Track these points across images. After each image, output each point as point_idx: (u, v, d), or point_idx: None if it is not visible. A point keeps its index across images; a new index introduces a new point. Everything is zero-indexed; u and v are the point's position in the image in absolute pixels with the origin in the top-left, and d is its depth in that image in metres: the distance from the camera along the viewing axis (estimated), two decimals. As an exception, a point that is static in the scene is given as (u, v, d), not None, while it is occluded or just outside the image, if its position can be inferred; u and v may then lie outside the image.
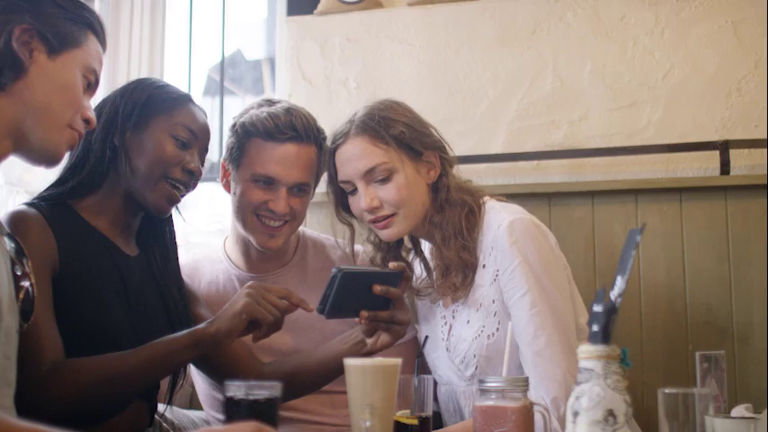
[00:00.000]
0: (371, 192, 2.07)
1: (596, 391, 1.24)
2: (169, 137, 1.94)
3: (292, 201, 2.18)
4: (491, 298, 2.04)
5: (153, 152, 1.93)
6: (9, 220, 1.79)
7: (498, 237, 2.02)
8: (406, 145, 2.08)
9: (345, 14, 3.09)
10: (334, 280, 1.84)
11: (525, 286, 1.97)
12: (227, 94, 3.58)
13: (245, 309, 1.78)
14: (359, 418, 1.48)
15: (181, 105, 1.98)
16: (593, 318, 1.28)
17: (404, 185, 2.06)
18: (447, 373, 2.14)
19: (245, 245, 2.29)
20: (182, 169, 1.95)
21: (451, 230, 2.07)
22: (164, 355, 1.80)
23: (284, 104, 2.23)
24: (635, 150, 2.77)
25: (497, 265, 2.02)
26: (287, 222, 2.20)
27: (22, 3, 1.54)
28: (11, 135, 1.52)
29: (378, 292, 1.89)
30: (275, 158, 2.15)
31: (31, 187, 3.11)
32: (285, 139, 2.15)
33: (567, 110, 2.86)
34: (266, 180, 2.16)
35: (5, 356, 1.44)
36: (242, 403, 1.30)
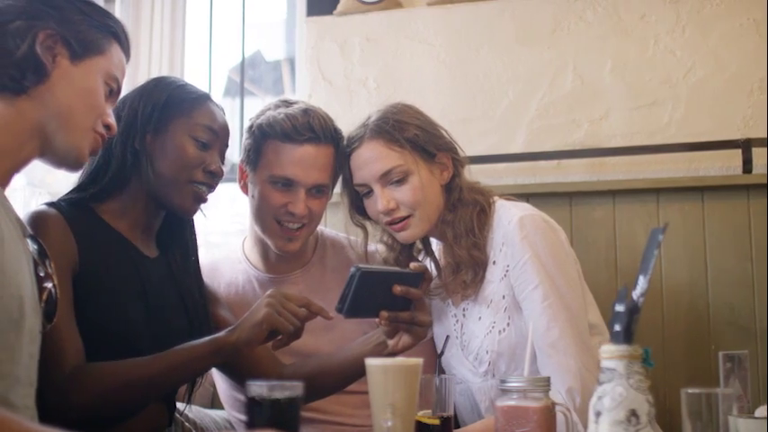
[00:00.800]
0: (388, 194, 2.09)
1: (619, 391, 1.23)
2: (190, 138, 1.94)
3: (311, 202, 2.18)
4: (501, 294, 2.05)
5: (175, 155, 1.93)
6: (30, 219, 1.81)
7: (509, 232, 2.04)
8: (419, 147, 2.10)
9: (365, 14, 3.09)
10: (353, 279, 1.84)
11: (536, 280, 1.98)
12: (247, 95, 3.59)
13: (265, 319, 1.78)
14: (380, 418, 1.48)
15: (200, 105, 1.98)
16: (616, 317, 1.27)
17: (419, 187, 2.08)
18: (462, 371, 2.15)
19: (263, 246, 2.29)
20: (203, 171, 1.95)
21: (463, 229, 2.09)
22: (184, 363, 1.81)
23: (301, 105, 2.22)
24: (656, 149, 2.75)
25: (508, 261, 2.04)
26: (305, 225, 2.20)
27: (47, 9, 1.55)
28: (34, 139, 1.53)
29: (398, 293, 1.89)
30: (293, 160, 2.15)
31: (52, 188, 3.13)
32: (303, 140, 2.15)
33: (588, 109, 2.85)
34: (284, 182, 2.15)
35: (30, 356, 1.45)
36: (263, 403, 1.30)
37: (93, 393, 1.73)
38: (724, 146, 2.69)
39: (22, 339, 1.41)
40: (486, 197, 2.15)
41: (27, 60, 1.50)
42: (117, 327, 1.85)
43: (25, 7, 1.53)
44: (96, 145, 1.63)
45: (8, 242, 1.38)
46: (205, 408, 2.42)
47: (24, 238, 1.51)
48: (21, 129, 1.51)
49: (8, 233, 1.39)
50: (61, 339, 1.72)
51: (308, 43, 3.15)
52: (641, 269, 1.29)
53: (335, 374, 2.05)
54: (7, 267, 1.36)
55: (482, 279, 2.09)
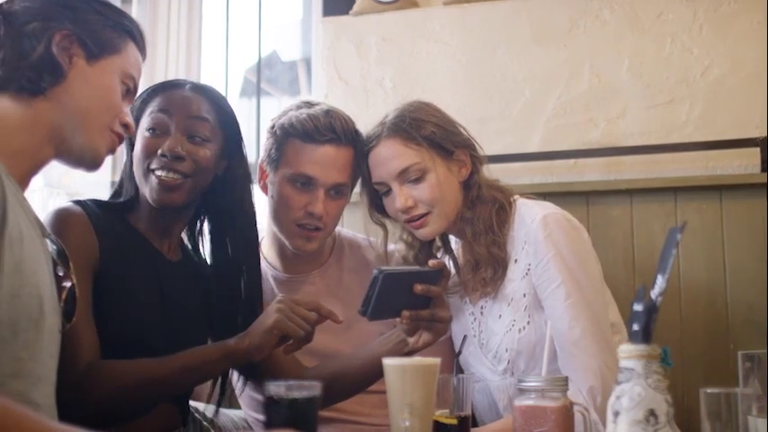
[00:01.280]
0: (405, 192, 2.10)
1: (637, 391, 1.23)
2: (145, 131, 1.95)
3: (329, 204, 2.18)
4: (522, 292, 2.05)
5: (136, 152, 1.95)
6: (53, 216, 1.83)
7: (531, 231, 2.04)
8: (437, 144, 2.11)
9: (381, 14, 3.09)
10: (376, 281, 1.84)
11: (559, 278, 1.99)
12: (264, 95, 3.59)
13: (276, 325, 1.79)
14: (398, 417, 1.48)
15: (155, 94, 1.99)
16: (634, 317, 1.27)
17: (436, 184, 2.09)
18: (480, 369, 2.15)
19: (280, 246, 2.30)
20: (159, 156, 1.92)
21: (482, 226, 2.10)
22: (196, 366, 1.83)
23: (323, 106, 2.23)
24: (674, 148, 2.74)
25: (530, 259, 2.04)
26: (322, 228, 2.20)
27: (63, 9, 1.56)
28: (52, 140, 1.54)
29: (419, 292, 1.90)
30: (314, 159, 2.15)
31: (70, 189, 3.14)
32: (324, 140, 2.16)
33: (605, 108, 2.84)
34: (304, 180, 2.16)
35: (50, 356, 1.46)
36: (281, 402, 1.30)
37: (106, 390, 1.74)
38: (742, 144, 2.68)
39: (42, 338, 1.41)
40: (506, 195, 2.16)
41: (43, 62, 1.51)
42: (131, 326, 1.86)
43: (41, 8, 1.55)
44: (113, 145, 1.64)
45: (27, 242, 1.38)
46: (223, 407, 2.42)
47: (43, 238, 1.51)
48: (38, 130, 1.52)
49: (27, 233, 1.40)
50: (78, 337, 1.73)
51: (324, 43, 3.15)
52: (659, 268, 1.29)
53: (357, 376, 2.05)
54: (26, 267, 1.37)
55: (502, 277, 2.09)
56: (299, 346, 1.84)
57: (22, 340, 1.36)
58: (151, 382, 1.79)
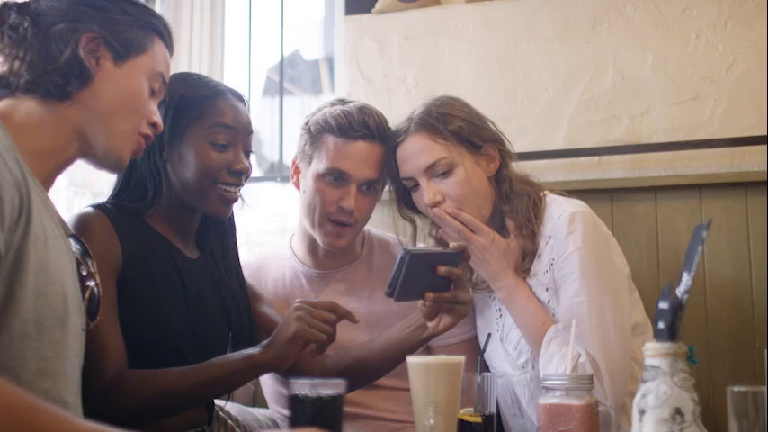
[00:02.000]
0: (433, 187, 2.10)
1: (663, 389, 1.23)
2: (207, 144, 1.94)
3: (361, 200, 2.20)
4: (545, 286, 2.06)
5: (195, 163, 1.93)
6: (76, 221, 1.83)
7: (558, 226, 2.05)
8: (464, 139, 2.12)
9: (403, 12, 3.08)
10: (403, 262, 1.85)
11: (576, 273, 1.99)
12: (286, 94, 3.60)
13: (298, 334, 1.78)
14: (422, 416, 1.49)
15: (211, 105, 1.97)
16: (660, 315, 1.27)
17: (464, 180, 2.09)
18: (502, 364, 2.15)
19: (311, 242, 2.31)
20: (228, 172, 1.96)
21: (523, 219, 2.10)
22: (221, 377, 1.83)
23: (357, 103, 2.27)
24: (698, 145, 2.72)
25: (553, 254, 2.05)
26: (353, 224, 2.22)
27: (90, 10, 1.56)
28: (77, 141, 1.55)
29: (442, 273, 1.90)
30: (347, 154, 2.18)
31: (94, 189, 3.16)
32: (357, 136, 2.19)
33: (629, 104, 2.82)
34: (337, 175, 2.18)
35: (75, 355, 1.47)
36: (306, 401, 1.31)
37: (132, 401, 1.76)
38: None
39: (67, 337, 1.43)
40: (536, 189, 2.16)
41: (70, 66, 1.51)
42: (158, 327, 1.87)
43: (68, 9, 1.54)
44: (139, 147, 1.64)
45: (51, 241, 1.39)
46: (247, 405, 2.43)
47: (67, 238, 1.52)
48: (63, 131, 1.52)
49: (51, 232, 1.41)
50: (103, 341, 1.74)
51: (346, 42, 3.15)
52: (685, 266, 1.28)
53: (376, 362, 2.07)
54: (51, 266, 1.38)
55: (528, 270, 2.10)
56: (323, 348, 1.84)
57: (47, 339, 1.37)
58: (177, 392, 1.80)
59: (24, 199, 1.32)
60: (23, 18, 1.52)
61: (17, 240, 1.31)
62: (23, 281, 1.32)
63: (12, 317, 1.31)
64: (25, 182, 1.34)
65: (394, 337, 2.04)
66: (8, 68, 1.51)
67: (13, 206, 1.29)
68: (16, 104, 1.50)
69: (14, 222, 1.30)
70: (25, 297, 1.32)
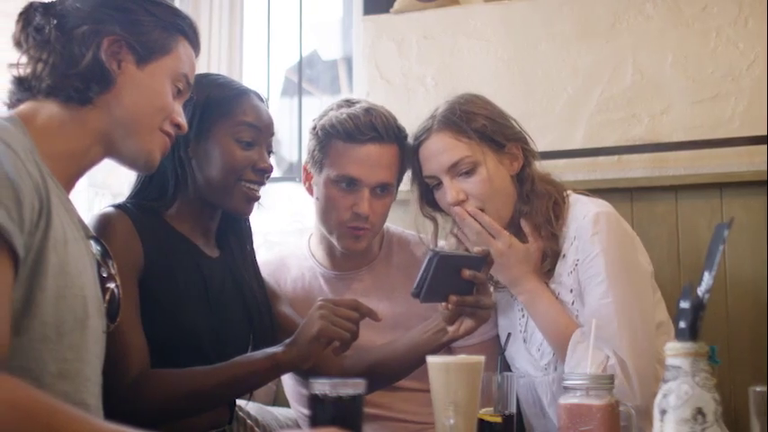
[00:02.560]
0: (456, 185, 2.10)
1: (684, 389, 1.22)
2: (233, 141, 1.95)
3: (375, 203, 2.19)
4: (569, 288, 2.05)
5: (221, 160, 1.94)
6: (97, 221, 1.83)
7: (582, 227, 2.03)
8: (488, 138, 2.10)
9: (422, 12, 3.08)
10: (431, 263, 1.85)
11: (602, 275, 1.98)
12: (305, 95, 3.61)
13: (321, 332, 1.77)
14: (442, 416, 1.49)
15: (238, 104, 1.98)
16: (681, 314, 1.26)
17: (487, 178, 2.08)
18: (524, 365, 2.15)
19: (329, 245, 2.31)
20: (252, 170, 1.97)
21: (541, 219, 2.09)
22: (243, 377, 1.83)
23: (363, 104, 2.24)
24: (719, 143, 2.70)
25: (578, 255, 2.03)
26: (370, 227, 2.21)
27: (113, 12, 1.54)
28: (100, 143, 1.54)
29: (467, 277, 1.90)
30: (357, 159, 2.16)
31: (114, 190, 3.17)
32: (366, 139, 2.16)
33: (649, 103, 2.81)
34: (349, 182, 2.16)
35: (96, 356, 1.48)
36: (326, 401, 1.31)
37: (155, 401, 1.76)
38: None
39: (87, 339, 1.43)
40: (558, 189, 2.15)
41: (92, 70, 1.50)
42: (180, 326, 1.87)
43: (91, 11, 1.53)
44: (165, 146, 1.63)
45: (71, 243, 1.40)
46: (267, 405, 2.44)
47: (87, 240, 1.53)
48: (86, 135, 1.52)
49: (71, 234, 1.41)
50: (125, 342, 1.74)
51: (365, 42, 3.15)
52: (706, 265, 1.28)
53: (396, 364, 2.06)
54: (71, 268, 1.38)
55: (552, 271, 2.09)
56: (347, 347, 1.84)
57: (67, 341, 1.38)
58: (200, 392, 1.81)
59: (44, 202, 1.33)
60: (48, 19, 1.51)
61: (37, 243, 1.32)
62: (43, 284, 1.33)
63: (31, 319, 1.32)
64: (45, 185, 1.35)
65: (414, 340, 2.04)
66: (31, 71, 1.51)
67: (33, 209, 1.30)
68: (38, 107, 1.49)
69: (34, 225, 1.31)
70: (45, 300, 1.33)
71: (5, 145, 1.29)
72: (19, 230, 1.26)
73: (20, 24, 1.54)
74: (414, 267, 1.91)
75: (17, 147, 1.32)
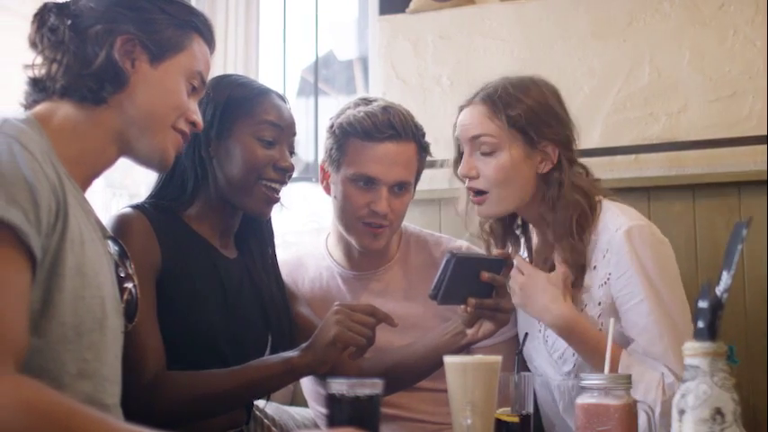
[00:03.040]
0: (472, 161, 2.07)
1: (703, 389, 1.22)
2: (255, 139, 1.95)
3: (393, 201, 2.18)
4: (597, 300, 2.01)
5: (242, 158, 1.94)
6: (114, 222, 1.83)
7: (615, 241, 1.98)
8: (520, 128, 2.04)
9: (438, 12, 3.08)
10: (449, 265, 1.85)
11: (642, 293, 1.93)
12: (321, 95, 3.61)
13: (337, 338, 1.77)
14: (460, 416, 1.48)
15: (260, 102, 1.98)
16: (699, 314, 1.26)
17: (504, 166, 2.04)
18: (543, 365, 2.13)
19: (346, 244, 2.30)
20: (273, 168, 1.97)
21: (562, 231, 2.04)
22: (260, 380, 1.83)
23: (381, 103, 2.23)
24: (736, 142, 2.69)
25: (610, 269, 1.99)
26: (388, 225, 2.20)
27: (126, 11, 1.54)
28: (116, 143, 1.54)
29: (485, 279, 1.89)
30: (374, 158, 2.15)
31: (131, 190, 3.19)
32: (383, 137, 2.15)
33: (666, 102, 2.80)
34: (366, 180, 2.16)
35: (114, 356, 1.48)
36: (344, 400, 1.31)
37: (171, 403, 1.76)
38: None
39: (105, 339, 1.44)
40: (590, 199, 2.07)
41: (105, 69, 1.50)
42: (198, 327, 1.88)
43: (104, 11, 1.53)
44: (179, 144, 1.63)
45: (88, 244, 1.40)
46: (285, 405, 2.44)
47: (104, 240, 1.53)
48: (101, 135, 1.52)
49: (88, 235, 1.42)
50: (142, 343, 1.75)
51: (380, 42, 3.15)
52: (724, 264, 1.27)
53: (414, 366, 2.06)
54: (88, 269, 1.39)
55: (579, 284, 2.04)
56: (363, 352, 1.83)
57: (86, 341, 1.38)
58: (216, 395, 1.81)
59: (61, 203, 1.33)
60: (63, 20, 1.51)
61: (54, 245, 1.32)
62: (61, 285, 1.33)
63: (50, 320, 1.32)
64: (62, 186, 1.35)
65: (432, 342, 2.04)
66: (46, 72, 1.51)
67: (50, 211, 1.30)
68: (54, 108, 1.49)
69: (51, 227, 1.31)
70: (63, 301, 1.33)
71: (22, 147, 1.29)
72: (36, 232, 1.26)
73: (35, 26, 1.54)
74: (432, 267, 1.91)
75: (34, 148, 1.32)
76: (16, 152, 1.28)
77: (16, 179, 1.25)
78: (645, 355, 1.92)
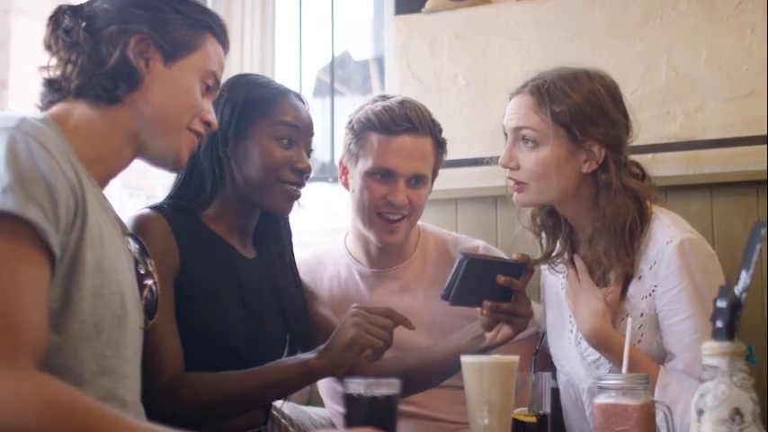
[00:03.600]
0: (513, 151, 2.04)
1: (721, 389, 1.21)
2: (272, 140, 1.96)
3: (411, 193, 2.21)
4: (640, 311, 1.98)
5: (260, 159, 1.95)
6: (133, 222, 1.84)
7: (665, 254, 1.94)
8: (564, 125, 1.99)
9: (453, 11, 3.08)
10: (461, 266, 1.85)
11: (690, 310, 1.90)
12: (337, 95, 3.62)
13: (355, 340, 1.76)
14: (477, 415, 1.48)
15: (277, 103, 1.99)
16: (718, 314, 1.25)
17: (544, 161, 1.99)
18: (573, 366, 2.10)
19: (365, 241, 2.32)
20: (291, 170, 1.97)
21: (610, 238, 1.99)
22: (277, 382, 1.83)
23: (398, 98, 2.27)
24: (754, 140, 2.68)
25: (656, 281, 1.95)
26: (405, 217, 2.22)
27: (140, 11, 1.55)
28: (131, 143, 1.55)
29: (501, 283, 1.89)
30: (392, 150, 2.19)
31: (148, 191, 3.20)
32: (401, 130, 2.19)
33: (683, 101, 2.79)
34: (384, 173, 2.19)
35: (135, 353, 1.49)
36: (361, 400, 1.31)
37: (188, 404, 1.77)
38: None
39: (125, 336, 1.45)
40: (643, 205, 2.03)
41: (119, 69, 1.51)
42: (216, 327, 1.88)
43: (119, 11, 1.54)
44: (193, 144, 1.63)
45: (107, 241, 1.41)
46: (302, 404, 2.44)
47: (124, 237, 1.54)
48: (117, 135, 1.53)
49: (107, 232, 1.43)
50: (160, 344, 1.75)
51: (396, 42, 3.15)
52: (743, 264, 1.26)
53: (433, 369, 2.06)
54: (107, 266, 1.40)
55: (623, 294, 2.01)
56: (380, 354, 1.83)
57: (106, 338, 1.39)
58: (232, 397, 1.81)
59: (79, 201, 1.34)
60: (77, 21, 1.52)
61: (73, 242, 1.33)
62: (80, 282, 1.34)
63: (70, 318, 1.33)
64: (80, 184, 1.36)
65: (452, 345, 2.03)
66: (61, 72, 1.52)
67: (68, 209, 1.31)
68: (69, 109, 1.51)
69: (70, 225, 1.32)
70: (83, 298, 1.34)
71: (40, 145, 1.30)
72: (55, 230, 1.27)
73: (50, 28, 1.55)
74: (449, 266, 1.90)
75: (52, 147, 1.33)
76: (34, 150, 1.29)
77: (35, 177, 1.26)
78: (685, 372, 1.89)
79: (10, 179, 1.23)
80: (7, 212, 1.21)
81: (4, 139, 1.28)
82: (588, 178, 2.03)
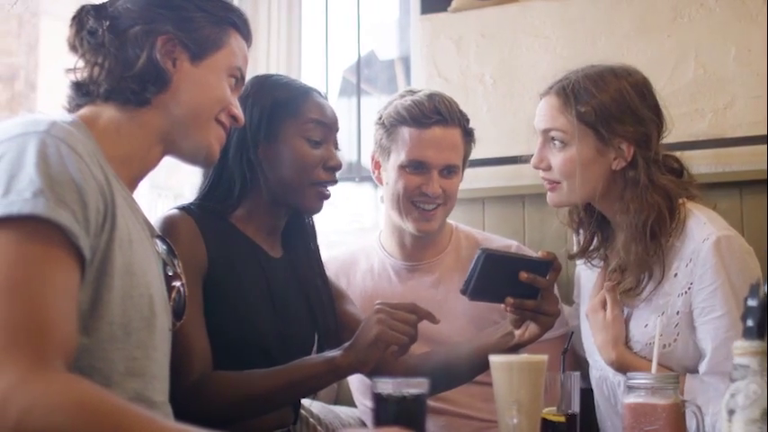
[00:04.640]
0: (542, 153, 2.08)
1: (753, 389, 1.20)
2: (303, 140, 1.97)
3: (444, 183, 2.26)
4: (676, 309, 1.97)
5: (292, 160, 1.96)
6: (162, 223, 1.85)
7: (702, 251, 1.93)
8: (590, 124, 2.00)
9: (480, 10, 3.07)
10: (478, 261, 1.86)
11: (724, 308, 1.89)
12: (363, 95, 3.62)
13: (379, 337, 1.77)
14: (505, 415, 1.48)
15: (305, 102, 2.00)
16: (749, 313, 1.24)
17: (572, 160, 2.01)
18: None
19: (400, 235, 2.36)
20: (324, 168, 1.98)
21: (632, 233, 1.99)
22: (302, 380, 1.84)
23: (426, 91, 2.33)
24: (784, 138, 2.66)
25: (692, 279, 1.95)
26: (440, 205, 2.28)
27: (164, 11, 1.55)
28: (161, 143, 1.56)
29: (524, 280, 1.88)
30: (423, 142, 2.24)
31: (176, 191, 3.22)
32: (431, 123, 2.24)
33: (712, 98, 2.77)
34: (417, 165, 2.25)
35: (164, 354, 1.50)
36: (390, 400, 1.31)
37: (216, 403, 1.78)
38: None
39: (154, 337, 1.45)
40: (673, 202, 2.02)
41: (147, 71, 1.51)
42: (244, 327, 1.89)
43: (142, 11, 1.54)
44: (222, 138, 1.64)
45: (136, 243, 1.42)
46: (330, 404, 2.45)
47: (152, 239, 1.55)
48: (146, 136, 1.53)
49: (136, 234, 1.43)
50: (189, 344, 1.76)
51: (422, 41, 3.15)
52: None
53: (462, 366, 2.06)
54: (136, 268, 1.40)
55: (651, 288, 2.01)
56: (405, 350, 1.83)
57: (135, 340, 1.40)
58: (260, 395, 1.82)
59: (108, 204, 1.35)
60: (101, 22, 1.52)
61: (103, 245, 1.33)
62: (110, 284, 1.35)
63: (99, 319, 1.34)
64: (109, 186, 1.36)
65: (481, 343, 2.03)
66: (88, 75, 1.53)
67: (98, 211, 1.32)
68: (98, 111, 1.51)
69: (99, 227, 1.33)
70: (112, 300, 1.35)
71: (70, 148, 1.31)
72: (85, 232, 1.28)
73: (73, 29, 1.55)
74: None
75: (81, 150, 1.33)
76: (64, 154, 1.29)
77: (65, 180, 1.27)
78: (712, 371, 1.88)
79: (41, 183, 1.24)
80: (38, 216, 1.22)
81: (34, 143, 1.28)
82: (619, 175, 2.04)
